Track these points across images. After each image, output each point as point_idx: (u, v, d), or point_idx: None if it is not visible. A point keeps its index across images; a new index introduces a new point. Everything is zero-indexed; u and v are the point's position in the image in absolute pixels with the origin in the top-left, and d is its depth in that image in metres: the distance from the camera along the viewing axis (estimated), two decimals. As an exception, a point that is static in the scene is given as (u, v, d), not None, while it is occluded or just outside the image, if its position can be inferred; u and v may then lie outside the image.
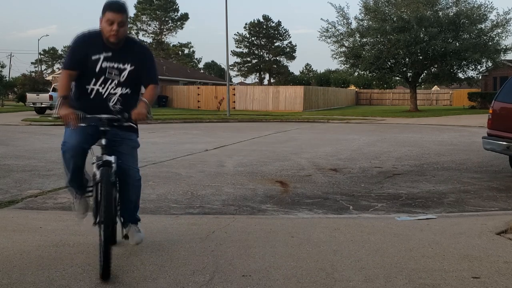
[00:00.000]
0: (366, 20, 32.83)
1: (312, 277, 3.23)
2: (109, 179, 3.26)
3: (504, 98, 7.76)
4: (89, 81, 3.50)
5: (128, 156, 3.64)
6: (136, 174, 3.69)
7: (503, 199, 6.15)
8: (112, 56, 3.49)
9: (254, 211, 5.45)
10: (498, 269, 3.38)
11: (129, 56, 3.53)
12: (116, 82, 3.52)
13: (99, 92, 3.52)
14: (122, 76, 3.52)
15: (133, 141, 3.71)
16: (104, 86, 3.52)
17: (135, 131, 3.73)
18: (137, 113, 3.42)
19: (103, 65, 3.47)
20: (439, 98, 52.48)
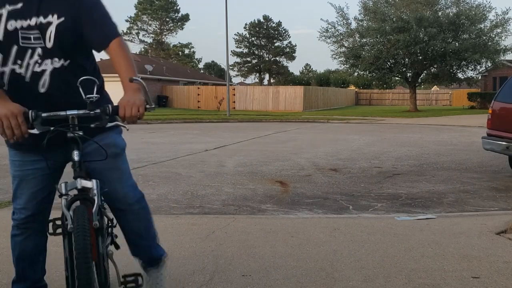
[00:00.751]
0: (366, 21, 32.88)
1: (312, 277, 3.24)
2: (85, 227, 1.97)
3: (504, 98, 7.76)
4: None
5: (113, 174, 2.36)
6: (131, 197, 2.44)
7: (503, 199, 6.15)
8: (24, 8, 2.09)
9: (254, 211, 5.45)
10: (497, 269, 3.38)
11: (53, 0, 2.13)
12: (40, 51, 2.12)
13: (16, 75, 2.12)
14: (48, 38, 2.11)
15: (115, 147, 2.38)
16: (22, 62, 2.12)
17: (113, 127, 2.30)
18: (128, 104, 2.05)
19: (10, 27, 2.08)
20: (438, 98, 52.49)
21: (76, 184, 2.11)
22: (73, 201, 2.09)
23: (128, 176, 2.45)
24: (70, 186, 2.12)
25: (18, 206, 2.39)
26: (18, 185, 2.36)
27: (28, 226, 2.41)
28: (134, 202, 2.45)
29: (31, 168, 2.30)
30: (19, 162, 2.34)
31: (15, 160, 2.35)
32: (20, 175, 2.34)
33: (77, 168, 2.13)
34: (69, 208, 2.06)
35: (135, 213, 2.47)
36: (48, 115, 2.05)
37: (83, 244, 1.94)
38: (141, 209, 2.49)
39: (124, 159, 2.45)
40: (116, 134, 2.40)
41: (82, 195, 2.10)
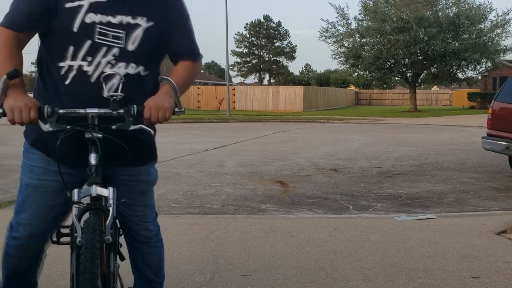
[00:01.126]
0: (366, 21, 32.88)
1: (312, 277, 3.24)
2: (94, 242, 1.74)
3: (504, 98, 7.77)
4: (61, 53, 1.89)
5: (136, 207, 2.19)
6: (151, 231, 2.29)
7: (503, 199, 6.15)
8: (109, 3, 1.89)
9: (254, 211, 5.45)
10: (497, 269, 3.39)
11: (142, 2, 1.94)
12: (117, 51, 1.90)
13: (82, 73, 1.89)
14: (132, 41, 1.92)
15: (147, 183, 2.20)
16: (93, 59, 1.89)
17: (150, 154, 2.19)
18: (156, 106, 1.84)
19: (88, 19, 1.87)
20: (438, 98, 52.50)
21: (91, 191, 1.86)
22: (86, 210, 1.86)
23: (151, 211, 2.30)
24: (84, 193, 1.87)
25: (23, 221, 2.03)
26: (28, 196, 2.02)
27: (28, 248, 2.08)
28: (152, 235, 2.31)
29: (53, 180, 1.97)
30: (39, 169, 2.00)
31: (35, 166, 2.01)
32: (36, 185, 2.00)
33: (94, 174, 1.85)
34: (80, 218, 1.83)
35: (152, 246, 2.33)
36: (66, 111, 1.83)
37: (91, 262, 1.70)
38: (158, 242, 2.36)
39: (152, 194, 2.28)
40: (150, 167, 2.21)
41: (96, 205, 1.87)
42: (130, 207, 2.16)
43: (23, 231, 2.03)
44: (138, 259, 2.35)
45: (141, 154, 2.09)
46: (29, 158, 2.05)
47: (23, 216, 2.03)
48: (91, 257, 1.71)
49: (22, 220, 2.03)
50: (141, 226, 2.24)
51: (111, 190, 1.88)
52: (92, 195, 1.87)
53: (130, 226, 2.23)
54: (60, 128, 1.81)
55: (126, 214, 2.17)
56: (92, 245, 1.73)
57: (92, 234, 1.75)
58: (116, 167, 2.04)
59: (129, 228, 2.24)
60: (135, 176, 2.12)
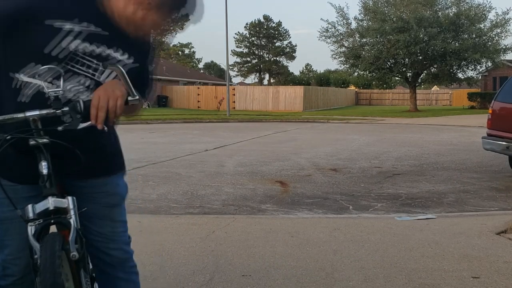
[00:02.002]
0: (366, 21, 32.87)
1: (312, 277, 3.24)
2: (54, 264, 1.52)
3: (504, 98, 7.76)
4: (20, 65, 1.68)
5: (105, 225, 1.93)
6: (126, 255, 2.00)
7: (503, 199, 6.15)
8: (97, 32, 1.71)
9: (254, 211, 5.45)
10: (497, 269, 3.38)
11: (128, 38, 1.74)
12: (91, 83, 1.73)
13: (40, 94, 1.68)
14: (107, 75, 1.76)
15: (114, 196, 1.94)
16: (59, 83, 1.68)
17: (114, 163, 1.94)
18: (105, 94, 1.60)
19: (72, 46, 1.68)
20: (438, 98, 52.49)
21: (47, 205, 1.62)
22: (44, 227, 1.62)
23: (123, 230, 1.98)
24: (39, 207, 1.62)
25: (9, 257, 1.82)
26: (6, 231, 1.81)
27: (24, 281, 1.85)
28: (128, 258, 2.01)
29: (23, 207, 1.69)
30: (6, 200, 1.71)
31: (3, 198, 1.73)
32: (10, 217, 1.76)
33: (46, 184, 1.62)
34: (39, 237, 1.59)
35: (127, 271, 2.01)
36: (2, 118, 1.59)
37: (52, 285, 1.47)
38: (133, 268, 2.04)
39: (122, 211, 1.97)
40: (118, 178, 1.94)
41: (55, 218, 1.63)
42: (97, 222, 1.89)
43: (13, 267, 1.84)
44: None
45: (103, 163, 1.86)
46: None
47: (7, 252, 1.83)
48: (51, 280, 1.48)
49: (8, 257, 1.83)
50: (111, 245, 1.94)
51: (70, 200, 1.66)
52: (50, 209, 1.62)
53: (99, 247, 1.92)
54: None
55: (93, 231, 1.89)
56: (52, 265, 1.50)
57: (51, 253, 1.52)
58: (76, 180, 1.82)
59: (98, 250, 1.93)
60: (99, 188, 1.88)
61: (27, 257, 1.72)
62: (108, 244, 1.93)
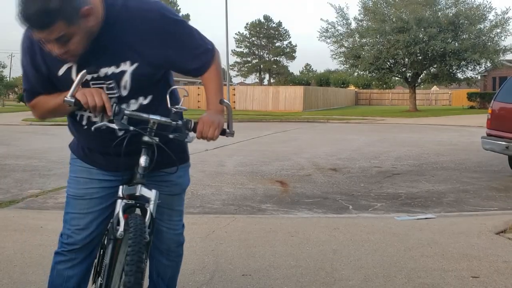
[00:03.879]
0: (366, 21, 32.85)
1: (312, 277, 3.25)
2: (141, 236, 1.80)
3: (503, 98, 7.77)
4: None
5: (163, 212, 2.16)
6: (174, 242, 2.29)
7: (502, 198, 6.16)
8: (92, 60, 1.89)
9: (254, 211, 5.46)
10: (497, 269, 3.39)
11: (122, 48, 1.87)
12: (115, 100, 1.94)
13: (93, 122, 1.98)
14: (123, 87, 1.93)
15: (178, 186, 2.22)
16: None
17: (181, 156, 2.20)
18: (209, 122, 1.94)
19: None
20: (438, 98, 52.49)
21: (135, 190, 1.93)
22: (131, 207, 1.92)
23: (179, 219, 2.27)
24: (129, 190, 1.93)
25: (74, 227, 2.10)
26: (76, 205, 2.11)
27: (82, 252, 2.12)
28: (175, 248, 2.29)
29: (98, 187, 2.10)
30: (84, 180, 2.11)
31: (80, 177, 2.12)
32: (82, 194, 2.10)
33: (141, 174, 1.93)
34: (124, 212, 1.90)
35: (171, 260, 2.31)
36: (131, 113, 1.91)
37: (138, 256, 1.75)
38: (177, 257, 2.33)
39: (181, 200, 2.27)
40: (183, 170, 2.22)
41: (141, 204, 1.92)
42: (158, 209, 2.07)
43: (77, 237, 2.10)
44: (152, 269, 2.34)
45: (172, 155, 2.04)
46: (74, 171, 2.16)
47: (74, 223, 2.10)
48: (139, 252, 1.75)
49: (73, 227, 2.10)
50: (165, 234, 2.23)
51: (154, 193, 1.94)
52: (136, 194, 1.92)
53: (159, 233, 2.21)
54: (124, 127, 1.90)
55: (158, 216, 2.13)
56: (141, 242, 1.78)
57: (141, 231, 1.80)
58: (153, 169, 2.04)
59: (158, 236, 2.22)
60: (165, 177, 2.13)
61: (89, 230, 2.09)
62: (164, 229, 2.21)
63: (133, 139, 1.92)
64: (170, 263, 2.32)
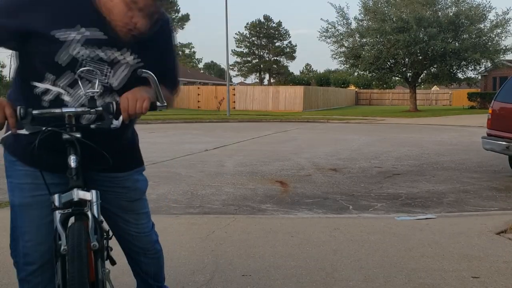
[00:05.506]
0: (366, 21, 32.86)
1: (312, 277, 3.24)
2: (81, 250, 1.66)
3: (504, 98, 7.77)
4: (38, 76, 1.79)
5: (129, 218, 2.11)
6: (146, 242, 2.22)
7: (503, 199, 6.15)
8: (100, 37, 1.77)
9: (254, 211, 5.45)
10: (497, 269, 3.39)
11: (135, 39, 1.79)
12: (100, 88, 1.82)
13: (60, 101, 1.80)
14: (116, 77, 1.84)
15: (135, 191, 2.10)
16: (74, 92, 1.80)
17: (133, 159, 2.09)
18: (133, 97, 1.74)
19: (78, 54, 1.76)
20: (438, 98, 52.50)
21: (72, 196, 1.74)
22: (69, 216, 1.74)
23: (146, 221, 2.18)
24: (65, 197, 1.75)
25: (30, 243, 1.88)
26: (26, 217, 1.88)
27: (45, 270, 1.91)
28: (149, 247, 2.23)
29: (47, 193, 1.81)
30: (30, 186, 1.87)
31: (24, 183, 1.88)
32: (30, 203, 1.87)
33: (74, 176, 1.74)
34: (64, 224, 1.72)
35: (150, 257, 2.26)
36: (40, 112, 1.72)
37: (79, 272, 1.61)
38: (156, 253, 2.28)
39: (144, 203, 2.15)
40: (137, 174, 2.08)
41: (80, 210, 1.75)
42: (123, 214, 2.07)
43: (34, 254, 1.89)
44: (135, 267, 2.32)
45: (123, 159, 1.95)
46: (15, 176, 1.91)
47: (27, 239, 1.89)
48: (78, 266, 1.62)
49: (28, 243, 1.89)
50: (136, 237, 2.16)
51: (94, 193, 1.78)
52: (74, 200, 1.75)
53: (124, 237, 2.16)
54: (34, 130, 1.70)
55: (119, 223, 2.11)
56: (79, 253, 1.63)
57: (78, 241, 1.65)
58: (98, 173, 1.93)
59: (123, 239, 2.17)
60: (120, 183, 2.02)
61: (47, 243, 1.85)
62: (133, 233, 2.14)
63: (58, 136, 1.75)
64: (150, 260, 2.27)
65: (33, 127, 1.70)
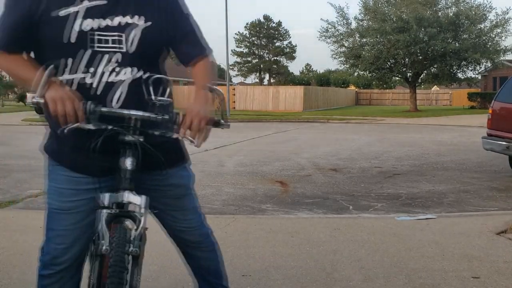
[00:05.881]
0: (366, 20, 32.83)
1: (312, 277, 3.24)
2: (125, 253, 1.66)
3: (504, 98, 7.77)
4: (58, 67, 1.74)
5: (175, 211, 2.08)
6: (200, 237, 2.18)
7: (503, 199, 6.15)
8: (105, 5, 1.74)
9: (254, 211, 5.45)
10: (498, 269, 3.38)
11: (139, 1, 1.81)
12: (119, 57, 1.75)
13: (85, 86, 1.75)
14: (131, 42, 1.76)
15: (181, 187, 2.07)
16: (95, 70, 1.74)
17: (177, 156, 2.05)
18: (198, 115, 1.75)
19: (86, 27, 1.71)
20: (438, 98, 52.47)
21: (122, 198, 1.71)
22: (116, 217, 1.72)
23: (195, 215, 2.14)
24: (114, 198, 1.72)
25: (62, 246, 1.89)
26: (62, 220, 1.88)
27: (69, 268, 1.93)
28: (201, 240, 2.17)
29: (86, 198, 1.84)
30: (70, 191, 1.86)
31: (65, 189, 1.86)
32: (69, 207, 1.86)
33: (127, 179, 1.72)
34: (108, 225, 1.70)
35: (205, 251, 2.20)
36: (109, 110, 1.68)
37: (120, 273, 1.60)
38: (210, 246, 2.22)
39: (191, 198, 2.11)
40: (181, 170, 2.06)
41: (128, 212, 1.73)
42: (169, 213, 2.04)
43: (64, 256, 1.90)
44: (194, 266, 2.27)
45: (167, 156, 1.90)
46: (56, 180, 1.90)
47: (59, 241, 1.89)
48: (119, 268, 1.60)
49: (60, 246, 1.89)
50: (186, 232, 2.12)
51: (144, 199, 1.74)
52: (123, 202, 1.72)
53: (174, 233, 2.14)
54: (100, 126, 1.69)
55: (168, 220, 2.09)
56: (121, 256, 1.62)
57: (122, 243, 1.64)
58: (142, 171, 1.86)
59: (174, 235, 2.15)
60: (165, 181, 1.97)
61: (78, 246, 1.87)
62: (182, 231, 2.12)
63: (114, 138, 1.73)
64: (206, 254, 2.20)
65: (100, 123, 1.68)
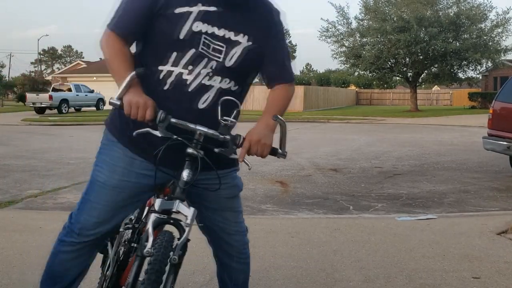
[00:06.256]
0: (366, 20, 32.83)
1: (312, 277, 3.23)
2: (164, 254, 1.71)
3: (505, 98, 7.76)
4: (162, 57, 1.84)
5: (226, 215, 2.12)
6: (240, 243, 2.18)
7: (504, 199, 6.14)
8: (219, 15, 1.84)
9: (254, 211, 5.44)
10: (498, 269, 3.38)
11: (247, 20, 1.89)
12: (214, 64, 1.84)
13: (181, 80, 1.83)
14: (230, 57, 1.86)
15: (235, 187, 2.16)
16: (193, 68, 1.83)
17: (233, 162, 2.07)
18: (257, 142, 1.88)
19: (196, 28, 1.81)
20: (439, 98, 52.45)
21: (172, 206, 1.79)
22: (164, 223, 1.80)
23: (242, 220, 2.20)
24: (166, 205, 1.79)
25: (93, 219, 1.93)
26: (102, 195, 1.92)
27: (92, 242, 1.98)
28: (243, 250, 2.20)
29: (134, 181, 1.91)
30: (122, 170, 1.91)
31: (118, 166, 1.91)
32: (115, 185, 1.91)
33: (181, 190, 1.80)
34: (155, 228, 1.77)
35: (241, 262, 2.21)
36: (177, 121, 1.77)
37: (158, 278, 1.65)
38: (246, 259, 2.23)
39: (240, 202, 2.20)
40: (235, 173, 2.14)
41: (175, 221, 1.81)
42: (221, 214, 2.08)
43: (91, 230, 1.94)
44: (225, 276, 2.26)
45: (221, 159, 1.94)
46: (110, 156, 1.94)
47: (95, 215, 1.93)
48: (158, 274, 1.65)
49: (92, 218, 1.93)
50: (232, 236, 2.14)
51: (192, 211, 1.81)
52: (173, 210, 1.79)
53: (223, 237, 2.14)
54: (167, 135, 1.76)
55: (217, 222, 2.10)
56: (163, 261, 1.68)
57: (166, 250, 1.70)
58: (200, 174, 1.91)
59: (221, 240, 2.15)
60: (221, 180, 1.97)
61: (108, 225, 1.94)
62: (230, 235, 2.13)
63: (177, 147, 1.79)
64: (240, 266, 2.22)
65: (166, 132, 1.76)
